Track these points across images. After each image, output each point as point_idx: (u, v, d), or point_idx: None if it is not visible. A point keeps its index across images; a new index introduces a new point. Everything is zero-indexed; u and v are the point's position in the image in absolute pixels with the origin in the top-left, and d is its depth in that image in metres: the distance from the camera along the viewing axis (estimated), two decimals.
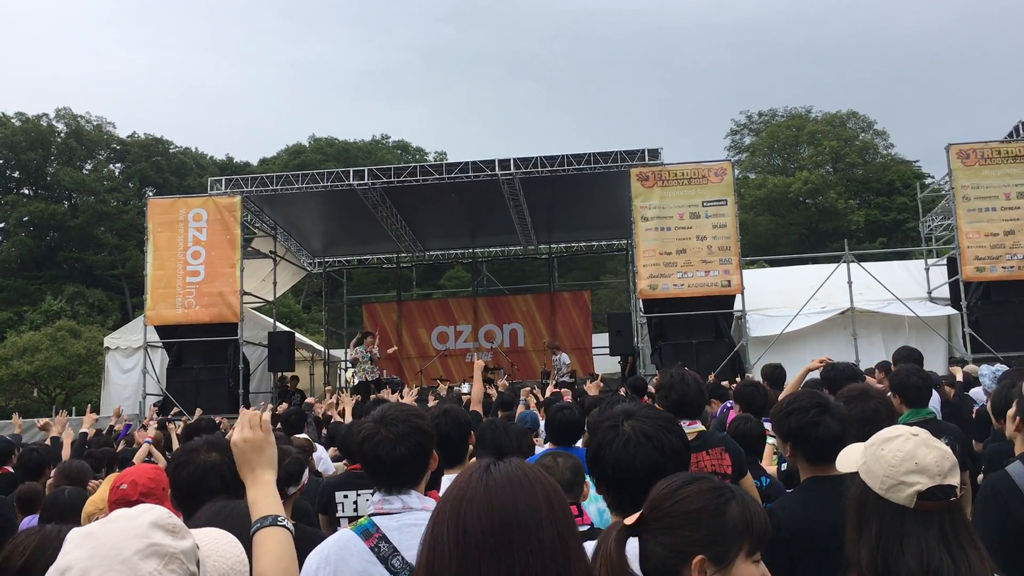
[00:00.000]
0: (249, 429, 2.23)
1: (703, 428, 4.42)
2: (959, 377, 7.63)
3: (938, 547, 2.05)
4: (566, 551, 1.46)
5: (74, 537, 1.50)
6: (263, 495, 2.15)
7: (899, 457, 2.15)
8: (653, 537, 1.79)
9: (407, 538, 2.54)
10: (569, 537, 1.49)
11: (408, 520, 2.61)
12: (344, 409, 8.82)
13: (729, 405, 6.80)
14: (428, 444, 2.79)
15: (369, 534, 2.58)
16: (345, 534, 2.65)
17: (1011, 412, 3.56)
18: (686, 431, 4.31)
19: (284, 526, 2.05)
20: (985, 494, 3.16)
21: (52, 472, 6.41)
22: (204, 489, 2.82)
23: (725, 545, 1.76)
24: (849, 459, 2.38)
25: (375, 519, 2.64)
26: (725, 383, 9.35)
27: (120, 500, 3.28)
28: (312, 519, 4.63)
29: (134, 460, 6.99)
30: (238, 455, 2.22)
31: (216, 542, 1.73)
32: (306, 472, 4.12)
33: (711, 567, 1.74)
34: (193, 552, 1.55)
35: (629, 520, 1.81)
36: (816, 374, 6.12)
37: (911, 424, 4.59)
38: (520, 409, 8.61)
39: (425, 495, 2.77)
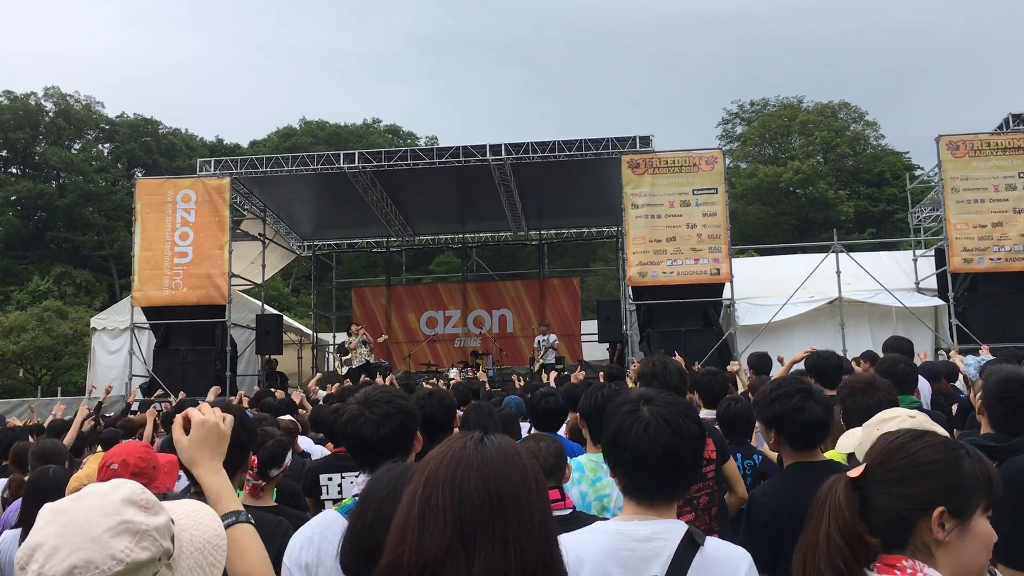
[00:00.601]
0: (215, 416, 2.20)
1: None
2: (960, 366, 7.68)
3: None
4: (550, 534, 1.46)
5: (46, 513, 1.48)
6: (226, 487, 2.12)
7: None
8: (883, 489, 1.76)
9: None
10: (551, 521, 1.49)
11: None
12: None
13: None
14: (412, 424, 2.80)
15: None
16: (329, 514, 2.65)
17: (975, 396, 3.64)
18: None
19: (249, 521, 2.06)
20: (1011, 477, 3.19)
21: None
22: None
23: (964, 498, 1.73)
24: (848, 440, 2.40)
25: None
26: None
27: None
28: (300, 501, 4.64)
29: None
30: (201, 437, 2.16)
31: (193, 515, 1.71)
32: (289, 454, 4.10)
33: (950, 520, 1.71)
34: (167, 528, 1.53)
35: (854, 472, 1.80)
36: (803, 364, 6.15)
37: None
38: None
39: None
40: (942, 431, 2.22)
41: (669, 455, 2.20)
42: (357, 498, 2.65)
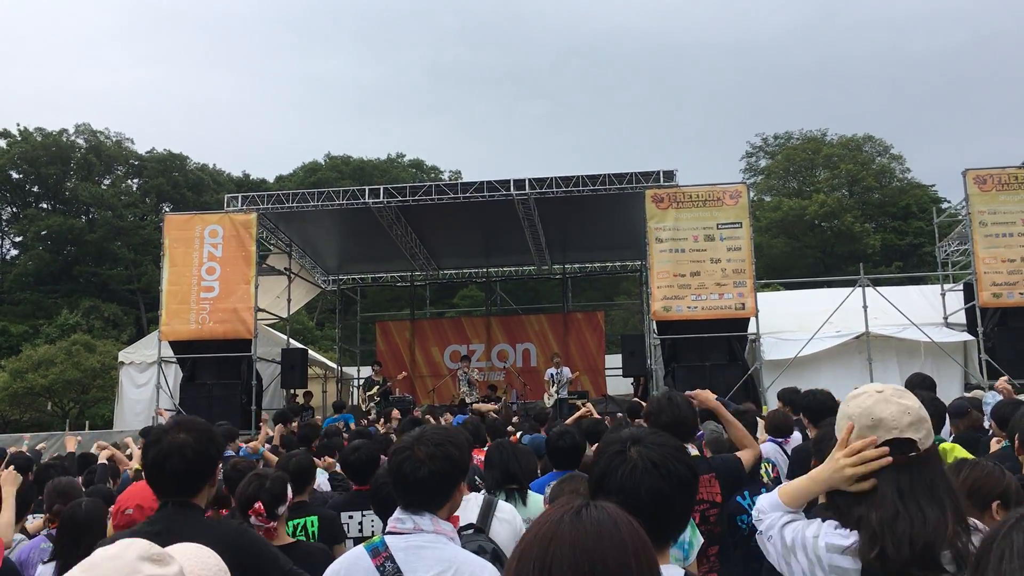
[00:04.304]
0: None
1: (696, 454, 4.40)
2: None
3: (893, 498, 2.19)
4: None
5: None
6: None
7: (859, 412, 2.32)
8: None
9: (412, 559, 2.57)
10: None
11: (416, 541, 2.63)
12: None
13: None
14: (455, 473, 2.78)
15: (378, 552, 2.62)
16: (357, 551, 2.69)
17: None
18: None
19: None
20: None
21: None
22: (167, 469, 2.91)
23: None
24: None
25: (386, 538, 2.67)
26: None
27: (126, 525, 3.28)
28: (338, 528, 4.76)
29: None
30: None
31: (195, 557, 1.76)
32: (289, 489, 4.14)
33: None
34: (181, 574, 1.58)
35: None
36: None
37: None
38: None
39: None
40: (907, 403, 2.30)
41: (656, 499, 2.08)
42: (385, 536, 2.67)
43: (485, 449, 5.52)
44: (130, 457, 9.77)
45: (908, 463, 2.22)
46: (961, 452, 4.33)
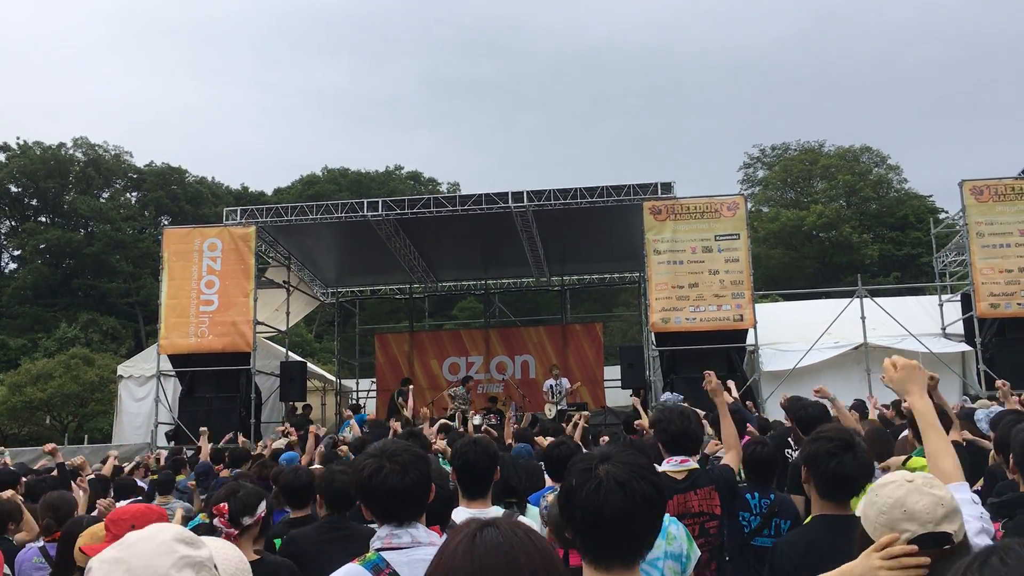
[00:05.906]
0: None
1: (695, 466, 4.41)
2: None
3: None
4: None
5: (101, 566, 1.56)
6: None
7: (889, 503, 2.20)
8: None
9: (417, 573, 2.51)
10: None
11: (418, 555, 2.61)
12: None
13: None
14: (430, 471, 2.85)
15: (380, 569, 2.58)
16: (354, 568, 2.62)
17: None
18: (678, 469, 4.32)
19: None
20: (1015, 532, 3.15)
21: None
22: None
23: None
24: (858, 504, 2.38)
25: (383, 554, 2.63)
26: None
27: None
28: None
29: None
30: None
31: (219, 549, 1.90)
32: (263, 503, 4.12)
33: None
34: (212, 558, 1.66)
35: None
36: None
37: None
38: None
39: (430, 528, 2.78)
40: (939, 493, 2.20)
41: (618, 518, 2.07)
42: (381, 552, 2.65)
43: None
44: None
45: (942, 556, 2.12)
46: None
